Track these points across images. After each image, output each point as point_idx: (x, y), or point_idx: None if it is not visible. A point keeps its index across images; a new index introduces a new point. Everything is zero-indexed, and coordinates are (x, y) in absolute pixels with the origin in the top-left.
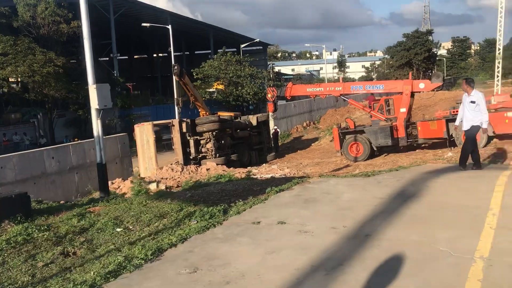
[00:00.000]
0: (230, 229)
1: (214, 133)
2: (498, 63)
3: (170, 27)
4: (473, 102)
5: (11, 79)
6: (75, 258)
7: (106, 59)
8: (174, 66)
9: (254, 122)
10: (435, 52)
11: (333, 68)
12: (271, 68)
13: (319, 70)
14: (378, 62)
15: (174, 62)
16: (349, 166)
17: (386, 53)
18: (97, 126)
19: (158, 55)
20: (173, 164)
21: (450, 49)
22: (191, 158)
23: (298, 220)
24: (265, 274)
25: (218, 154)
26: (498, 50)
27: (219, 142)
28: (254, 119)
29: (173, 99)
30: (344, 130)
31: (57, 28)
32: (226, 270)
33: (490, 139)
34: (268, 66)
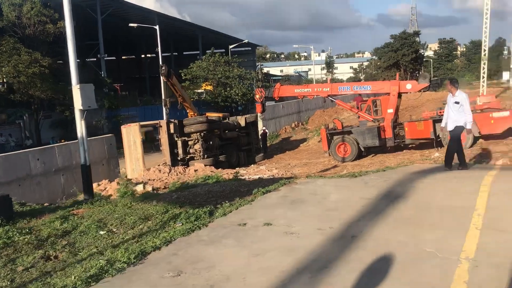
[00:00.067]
0: (215, 231)
1: (202, 134)
2: (484, 65)
3: (157, 28)
4: (457, 102)
5: None
6: (57, 262)
7: (94, 60)
8: (162, 67)
9: (243, 123)
10: (422, 53)
11: (321, 69)
12: (260, 69)
13: (308, 71)
14: (366, 63)
15: (162, 63)
16: (337, 166)
17: (374, 54)
18: (81, 127)
19: (146, 56)
20: (160, 165)
21: (437, 50)
22: (179, 159)
23: (285, 221)
24: (250, 277)
25: (206, 155)
26: (484, 52)
27: (207, 143)
28: (242, 120)
29: (161, 100)
30: (331, 131)
31: (43, 28)
32: (210, 273)
33: (476, 140)
34: (256, 67)
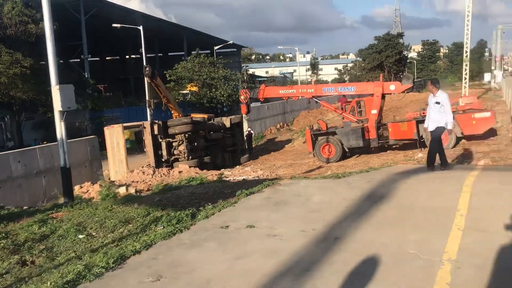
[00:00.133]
0: (197, 234)
1: (187, 135)
2: (466, 66)
3: (141, 28)
4: (438, 103)
5: None
6: (33, 267)
7: (77, 61)
8: (146, 68)
9: (228, 124)
10: (406, 54)
11: (306, 70)
12: (245, 70)
13: (293, 73)
14: (350, 65)
15: (146, 64)
16: (321, 167)
17: (358, 55)
18: (60, 128)
19: (130, 57)
20: (144, 167)
21: (420, 51)
22: (163, 160)
23: (268, 223)
24: (231, 280)
25: (190, 157)
26: (466, 53)
27: (192, 144)
28: (227, 121)
29: (145, 101)
30: (316, 131)
31: (24, 28)
32: (191, 278)
33: (458, 140)
34: (242, 68)
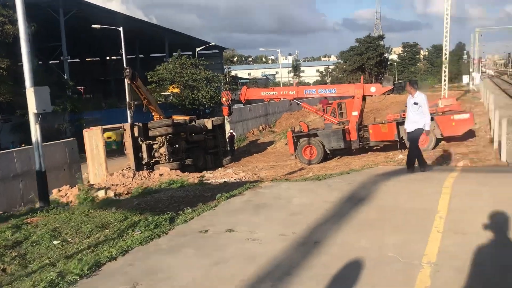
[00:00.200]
0: (175, 239)
1: (168, 137)
2: (445, 68)
3: (121, 29)
4: (416, 103)
5: None
6: (4, 275)
7: (57, 62)
8: (126, 69)
9: (209, 126)
10: (387, 56)
11: (288, 72)
12: (227, 72)
13: (275, 74)
14: (332, 67)
15: (126, 65)
16: (303, 169)
17: (340, 57)
18: (35, 131)
19: (111, 58)
20: (124, 169)
21: (401, 54)
22: (144, 163)
23: (247, 227)
24: (208, 287)
25: (172, 159)
26: (445, 56)
27: (173, 146)
28: (209, 123)
29: (126, 103)
30: (298, 133)
31: (1, 29)
32: (167, 285)
33: (438, 141)
34: (224, 70)
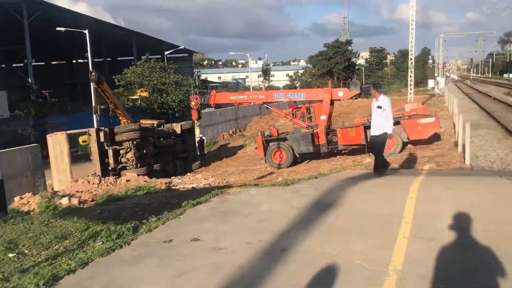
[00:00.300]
0: (138, 249)
1: (135, 142)
2: (411, 73)
3: (87, 32)
4: (380, 107)
5: None
6: None
7: (21, 65)
8: (92, 73)
9: (178, 130)
10: (354, 61)
11: (258, 76)
12: (197, 75)
13: (245, 78)
14: (301, 71)
15: (92, 68)
16: (272, 173)
17: (309, 62)
18: None
19: (77, 61)
20: (90, 176)
21: (368, 58)
22: (110, 169)
23: (214, 235)
24: None
25: (139, 164)
26: (411, 61)
27: (141, 152)
28: (178, 127)
29: (92, 107)
30: (267, 137)
31: None
32: None
33: (405, 145)
34: (194, 74)
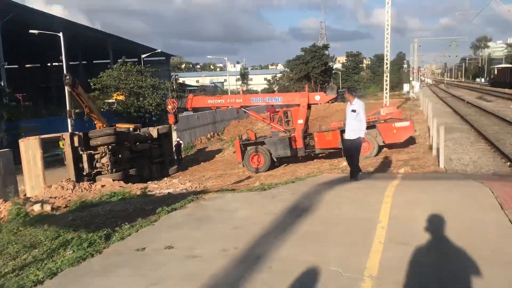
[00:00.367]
0: (110, 258)
1: (110, 146)
2: (386, 77)
3: (61, 35)
4: (354, 110)
5: None
6: None
7: None
8: (66, 76)
9: (155, 134)
10: (331, 65)
11: (236, 80)
12: (175, 79)
13: (223, 82)
14: (279, 75)
15: (66, 72)
16: (250, 177)
17: (286, 66)
18: None
19: (52, 64)
20: (64, 181)
21: (345, 63)
22: (85, 174)
23: (188, 243)
24: None
25: (114, 169)
26: (386, 65)
27: (116, 156)
28: (154, 131)
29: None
30: (245, 141)
31: None
32: None
33: (380, 149)
34: (171, 77)
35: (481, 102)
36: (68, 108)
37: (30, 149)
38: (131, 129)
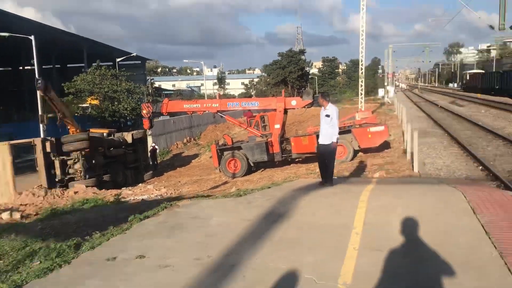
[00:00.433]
0: (79, 269)
1: (83, 152)
2: (361, 82)
3: (33, 38)
4: (328, 115)
5: None
6: None
7: None
8: (38, 80)
9: (129, 139)
10: (308, 70)
11: (213, 84)
12: (151, 83)
13: (200, 86)
14: (256, 80)
15: (39, 76)
16: (227, 183)
17: (263, 71)
18: None
19: (24, 68)
20: (35, 188)
21: (321, 68)
22: (57, 180)
23: (161, 252)
24: None
25: (88, 175)
26: (361, 70)
27: (89, 162)
28: (129, 136)
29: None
30: (222, 146)
31: None
32: None
33: (356, 153)
34: (147, 81)
35: (454, 107)
36: (40, 113)
37: None
38: (105, 134)
